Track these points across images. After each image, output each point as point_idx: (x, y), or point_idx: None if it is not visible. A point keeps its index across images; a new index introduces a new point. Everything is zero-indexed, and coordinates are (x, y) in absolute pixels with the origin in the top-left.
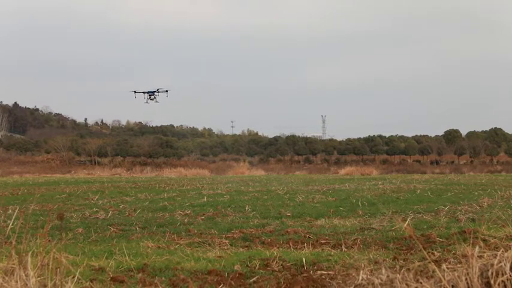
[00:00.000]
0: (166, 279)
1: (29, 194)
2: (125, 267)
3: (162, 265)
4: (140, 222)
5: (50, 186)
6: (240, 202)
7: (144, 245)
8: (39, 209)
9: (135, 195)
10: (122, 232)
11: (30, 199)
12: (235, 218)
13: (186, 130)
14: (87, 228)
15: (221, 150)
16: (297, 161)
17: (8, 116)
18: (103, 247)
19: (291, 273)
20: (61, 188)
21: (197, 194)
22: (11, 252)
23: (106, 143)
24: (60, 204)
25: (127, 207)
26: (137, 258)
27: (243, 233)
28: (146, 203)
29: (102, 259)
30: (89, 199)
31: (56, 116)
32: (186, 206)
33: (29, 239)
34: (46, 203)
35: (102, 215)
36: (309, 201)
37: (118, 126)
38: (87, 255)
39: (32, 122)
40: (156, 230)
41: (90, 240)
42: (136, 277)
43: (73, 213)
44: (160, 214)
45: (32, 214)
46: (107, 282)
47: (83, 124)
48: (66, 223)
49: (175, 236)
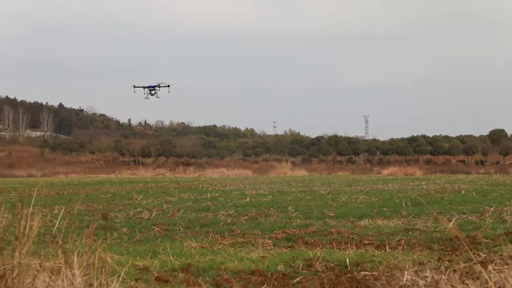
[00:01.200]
0: (210, 279)
1: (74, 194)
2: (169, 267)
3: (205, 265)
4: (184, 222)
5: (94, 186)
6: (283, 202)
7: (188, 245)
8: (85, 208)
9: (179, 195)
10: (165, 232)
11: (76, 199)
12: (278, 218)
13: (229, 130)
14: (131, 228)
15: (263, 150)
16: (340, 161)
17: (54, 116)
18: (147, 247)
19: (334, 273)
20: (105, 188)
21: (240, 194)
22: (58, 251)
23: (149, 144)
24: (105, 204)
25: (170, 207)
26: (181, 258)
27: (286, 233)
28: (189, 203)
29: (146, 259)
30: (133, 199)
31: (100, 116)
32: (229, 206)
33: (75, 238)
34: (91, 203)
35: (146, 215)
36: (352, 201)
37: (161, 126)
38: (131, 255)
39: (77, 123)
40: (199, 230)
41: (135, 240)
42: (181, 277)
43: (117, 213)
44: (204, 214)
45: (78, 214)
46: (151, 281)
47: (126, 125)
48: (111, 223)
49: (219, 236)
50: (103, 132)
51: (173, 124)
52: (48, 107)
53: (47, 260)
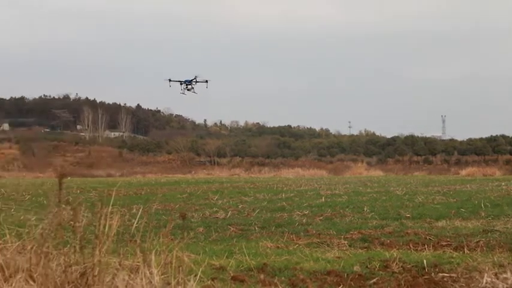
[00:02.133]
0: (286, 279)
1: (151, 194)
2: (244, 266)
3: (281, 265)
4: (259, 222)
5: (171, 186)
6: (358, 203)
7: (263, 245)
8: (162, 208)
9: (254, 195)
10: (241, 232)
11: (153, 199)
12: (353, 219)
13: (303, 131)
14: (207, 227)
15: (338, 150)
16: (416, 161)
17: (132, 117)
18: (223, 246)
19: (411, 275)
20: (182, 188)
21: (315, 194)
22: (136, 250)
23: (225, 144)
24: (182, 203)
25: (246, 207)
26: (257, 258)
27: (362, 233)
28: (265, 203)
29: (222, 258)
30: (209, 199)
31: (177, 117)
32: (304, 207)
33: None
34: (168, 203)
35: (221, 215)
36: (429, 202)
37: (236, 127)
38: (208, 254)
39: (154, 123)
40: (274, 230)
41: (211, 239)
42: (256, 277)
43: (194, 212)
44: (279, 214)
45: (155, 213)
46: (227, 281)
47: (202, 125)
48: (188, 222)
49: (294, 236)
50: (179, 132)
51: (248, 124)
52: (126, 108)
53: (125, 258)
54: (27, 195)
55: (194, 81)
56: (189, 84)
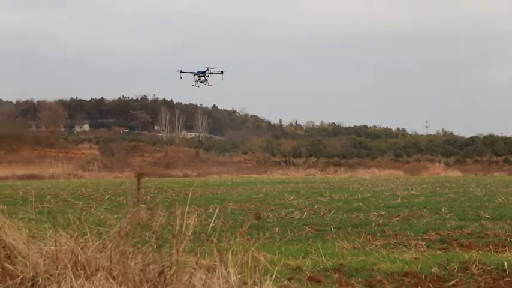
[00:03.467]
0: (363, 280)
1: (227, 194)
2: (321, 266)
3: (357, 266)
4: (335, 222)
5: (247, 186)
6: (436, 203)
7: (340, 245)
8: (238, 208)
9: (330, 195)
10: (317, 232)
11: (229, 199)
12: (431, 220)
13: (379, 130)
14: (283, 227)
15: (415, 150)
16: (496, 161)
17: (208, 118)
18: (299, 246)
19: (492, 277)
20: (257, 188)
21: (391, 194)
22: (213, 250)
23: (300, 144)
24: (257, 203)
25: (321, 208)
26: (333, 258)
27: (440, 235)
28: (340, 203)
29: (298, 258)
30: (284, 199)
31: (252, 117)
32: (381, 207)
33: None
34: (244, 203)
35: (297, 215)
36: (510, 203)
37: (312, 127)
38: (283, 254)
39: (229, 124)
40: (350, 231)
41: (287, 239)
42: (333, 277)
43: (269, 212)
44: (355, 214)
45: (231, 213)
46: (304, 281)
47: (277, 125)
48: (263, 222)
49: (370, 237)
50: (255, 132)
51: (324, 124)
52: (202, 109)
53: (202, 258)
54: (107, 195)
55: (208, 72)
56: (202, 75)
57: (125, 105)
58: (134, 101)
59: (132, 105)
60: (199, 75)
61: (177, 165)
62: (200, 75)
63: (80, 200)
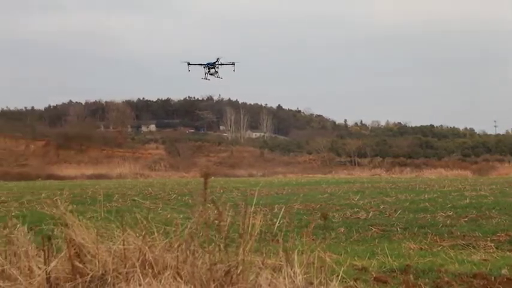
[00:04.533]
0: (430, 281)
1: (292, 194)
2: (387, 267)
3: (424, 267)
4: (401, 223)
5: (311, 186)
6: (506, 204)
7: (406, 246)
8: (303, 208)
9: (396, 195)
10: (383, 232)
11: (294, 198)
12: (500, 221)
13: (446, 130)
14: (348, 228)
15: (484, 150)
16: None
17: (273, 118)
18: (365, 247)
19: None
20: (322, 188)
21: (459, 195)
22: (279, 249)
23: (365, 144)
24: (322, 203)
25: (387, 208)
26: (399, 259)
27: (510, 236)
28: (407, 203)
29: (364, 259)
30: (349, 199)
31: (317, 117)
32: (448, 207)
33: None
34: (309, 203)
35: (363, 215)
36: None
37: (377, 127)
38: (349, 255)
39: (294, 124)
40: (417, 231)
41: (352, 239)
42: (399, 278)
43: (335, 212)
44: (422, 215)
45: (296, 213)
46: (370, 282)
47: (342, 125)
48: (329, 222)
49: (438, 238)
50: (319, 132)
51: (389, 124)
52: (267, 109)
53: (268, 257)
54: (173, 195)
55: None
56: (212, 67)
57: (191, 106)
58: (200, 101)
59: (197, 105)
60: (209, 67)
61: (242, 165)
62: (210, 67)
63: (147, 200)
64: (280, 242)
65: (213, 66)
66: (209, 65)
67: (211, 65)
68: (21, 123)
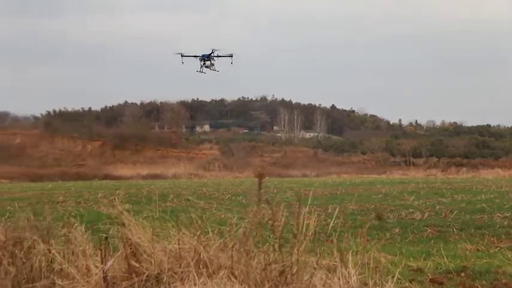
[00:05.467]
0: (487, 282)
1: (346, 194)
2: (443, 268)
3: (481, 268)
4: (457, 223)
5: (366, 186)
6: None
7: (462, 247)
8: (357, 208)
9: (451, 196)
10: (438, 233)
11: (348, 199)
12: None
13: (504, 130)
14: (403, 228)
15: None
16: None
17: (326, 118)
18: (420, 248)
19: None
20: (377, 189)
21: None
22: (333, 250)
23: (420, 144)
24: (377, 204)
25: (443, 209)
26: (455, 260)
27: None
28: (463, 204)
29: (419, 260)
30: (404, 199)
31: (371, 117)
32: (506, 208)
33: (349, 237)
34: (363, 203)
35: (418, 216)
36: None
37: (432, 126)
38: (404, 256)
39: (348, 124)
40: (474, 232)
41: (407, 240)
42: (456, 279)
43: (389, 213)
44: (478, 216)
45: (351, 213)
46: (425, 283)
47: (397, 125)
48: (383, 223)
49: (495, 239)
50: (373, 133)
51: (445, 124)
52: (321, 109)
53: (322, 258)
54: (227, 195)
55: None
56: (208, 59)
57: (245, 106)
58: (254, 102)
59: (251, 105)
60: (205, 59)
61: (295, 165)
62: (205, 59)
63: (202, 200)
64: (335, 243)
65: (208, 58)
66: (204, 57)
67: (206, 57)
68: (79, 124)
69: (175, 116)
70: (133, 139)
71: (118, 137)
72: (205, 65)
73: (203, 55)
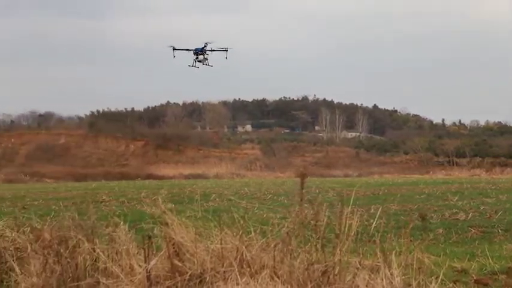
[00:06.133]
0: None
1: (389, 194)
2: (488, 269)
3: None
4: (502, 224)
5: (408, 186)
6: None
7: (508, 248)
8: (400, 208)
9: (496, 196)
10: (483, 234)
11: (391, 199)
12: None
13: None
14: (447, 229)
15: None
16: None
17: (368, 118)
18: (464, 248)
19: None
20: (420, 189)
21: None
22: (376, 250)
23: (464, 144)
24: (420, 204)
25: (487, 209)
26: (501, 261)
27: None
28: (508, 204)
29: (464, 261)
30: (448, 200)
31: (414, 117)
32: None
33: (392, 238)
34: (406, 203)
35: (462, 216)
36: None
37: (476, 126)
38: (448, 256)
39: (390, 124)
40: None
41: (451, 241)
42: (501, 280)
43: (432, 213)
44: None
45: (393, 214)
46: (470, 284)
47: (440, 125)
48: (427, 223)
49: None
50: (416, 132)
51: (489, 124)
52: (363, 109)
53: (365, 258)
54: (269, 194)
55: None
56: (201, 53)
57: (286, 106)
58: (295, 102)
59: (293, 105)
60: (198, 53)
61: (337, 165)
62: (199, 53)
63: (243, 199)
64: (377, 243)
65: (202, 52)
66: (198, 51)
67: (200, 51)
68: (122, 124)
69: (217, 116)
70: (175, 139)
71: (160, 137)
72: (198, 59)
73: (196, 49)
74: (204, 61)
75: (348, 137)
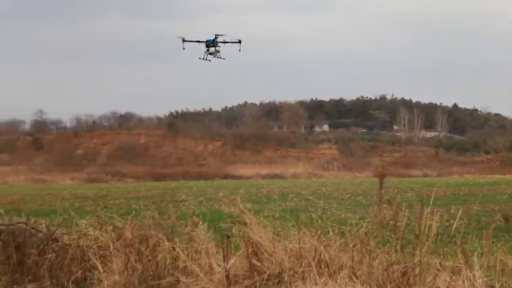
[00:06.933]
0: None
1: (470, 195)
2: None
3: None
4: None
5: (490, 186)
6: None
7: None
8: (481, 209)
9: None
10: None
11: (472, 199)
12: None
13: None
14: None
15: None
16: None
17: (448, 117)
18: None
19: None
20: (502, 189)
21: None
22: (457, 251)
23: None
24: (502, 205)
25: None
26: None
27: None
28: None
29: None
30: None
31: (495, 116)
32: None
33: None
34: (487, 204)
35: None
36: None
37: None
38: None
39: (470, 123)
40: None
41: None
42: None
43: None
44: None
45: (474, 214)
46: None
47: None
48: (510, 224)
49: None
50: (498, 132)
51: None
52: (442, 108)
53: (446, 259)
54: (347, 194)
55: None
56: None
57: (364, 105)
58: (373, 101)
59: (370, 105)
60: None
61: (416, 165)
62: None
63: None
64: (458, 244)
65: (213, 44)
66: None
67: (211, 43)
68: (200, 124)
69: (294, 115)
70: (253, 139)
71: (238, 137)
72: (209, 52)
73: (207, 40)
74: (216, 53)
75: (426, 137)
